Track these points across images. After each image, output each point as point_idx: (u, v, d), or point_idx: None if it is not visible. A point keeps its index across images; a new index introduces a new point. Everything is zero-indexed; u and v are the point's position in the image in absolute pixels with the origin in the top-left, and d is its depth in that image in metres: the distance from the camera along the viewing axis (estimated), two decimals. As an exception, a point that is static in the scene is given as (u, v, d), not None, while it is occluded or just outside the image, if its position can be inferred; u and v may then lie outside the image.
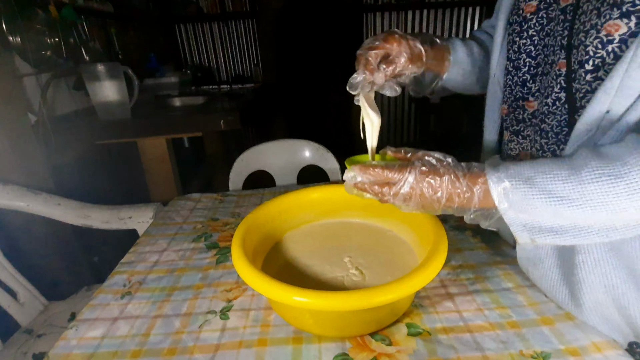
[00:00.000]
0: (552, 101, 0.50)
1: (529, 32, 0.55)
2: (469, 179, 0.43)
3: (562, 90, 0.48)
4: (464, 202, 0.43)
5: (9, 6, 1.17)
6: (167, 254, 0.73)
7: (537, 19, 0.53)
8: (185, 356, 0.48)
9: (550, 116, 0.51)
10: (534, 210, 0.40)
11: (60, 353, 0.50)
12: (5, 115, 1.10)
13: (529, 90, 0.56)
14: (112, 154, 1.70)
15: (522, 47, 0.56)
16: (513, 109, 0.60)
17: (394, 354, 0.47)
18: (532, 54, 0.55)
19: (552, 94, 0.50)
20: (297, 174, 1.28)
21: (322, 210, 0.71)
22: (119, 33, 2.01)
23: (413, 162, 0.45)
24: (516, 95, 0.59)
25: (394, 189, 0.44)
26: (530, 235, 0.42)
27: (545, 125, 0.52)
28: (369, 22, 3.31)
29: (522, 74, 0.57)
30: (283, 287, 0.43)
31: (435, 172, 0.43)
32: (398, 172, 0.44)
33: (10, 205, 1.05)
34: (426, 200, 0.43)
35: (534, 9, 0.53)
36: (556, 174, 0.39)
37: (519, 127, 0.59)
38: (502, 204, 0.41)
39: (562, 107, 0.49)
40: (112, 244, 1.40)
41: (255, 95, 2.29)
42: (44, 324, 0.98)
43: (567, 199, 0.38)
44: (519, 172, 0.41)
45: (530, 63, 0.55)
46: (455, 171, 0.43)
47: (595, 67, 0.43)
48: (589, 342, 0.46)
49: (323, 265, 0.59)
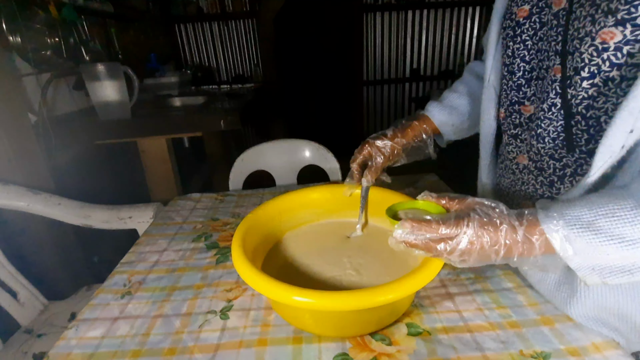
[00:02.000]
0: (547, 106, 0.50)
1: (522, 37, 0.54)
2: (526, 229, 0.40)
3: (557, 95, 0.48)
4: (524, 253, 0.40)
5: (9, 6, 1.17)
6: (167, 254, 0.73)
7: (530, 23, 0.53)
8: (185, 356, 0.48)
9: (547, 121, 0.50)
10: (604, 256, 0.37)
11: (60, 353, 0.50)
12: (5, 115, 1.10)
13: (524, 94, 0.56)
14: (112, 154, 1.70)
15: (515, 51, 0.56)
16: (510, 112, 0.60)
17: (394, 354, 0.47)
18: (526, 58, 0.55)
19: (548, 99, 0.49)
20: (297, 174, 1.28)
21: (322, 210, 0.71)
22: (119, 33, 2.01)
23: (469, 213, 0.42)
24: (512, 100, 0.58)
25: (450, 245, 0.41)
26: (601, 278, 0.39)
27: (541, 130, 0.51)
28: (369, 22, 3.31)
29: (516, 79, 0.57)
30: (283, 287, 0.43)
31: (492, 223, 0.40)
32: (455, 225, 0.41)
33: (10, 205, 1.05)
34: (484, 254, 0.41)
35: (526, 13, 0.53)
36: (620, 216, 0.36)
37: (516, 130, 0.59)
38: (565, 252, 0.38)
39: (557, 113, 0.49)
40: (112, 244, 1.40)
41: (255, 95, 2.29)
42: (44, 323, 0.98)
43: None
44: (577, 218, 0.38)
45: (525, 67, 0.55)
46: (511, 221, 0.40)
47: (591, 74, 0.43)
48: (589, 343, 0.46)
49: (323, 265, 0.59)
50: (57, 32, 1.37)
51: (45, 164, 1.24)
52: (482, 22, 3.33)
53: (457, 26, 3.37)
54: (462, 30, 3.38)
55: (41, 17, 1.31)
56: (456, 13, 3.31)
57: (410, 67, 3.52)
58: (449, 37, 3.41)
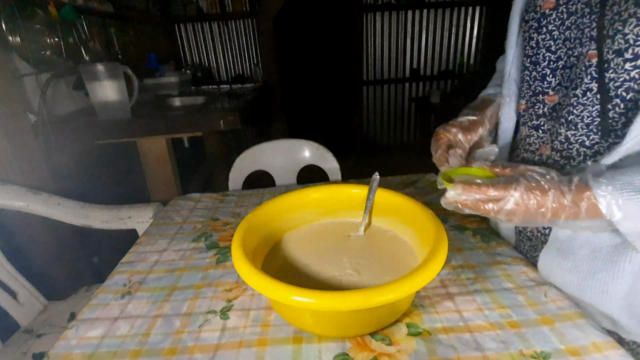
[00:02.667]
0: (581, 92, 0.50)
1: (548, 28, 0.55)
2: (574, 194, 0.42)
3: (592, 80, 0.49)
4: (570, 216, 0.43)
5: (8, 6, 1.17)
6: (167, 254, 0.73)
7: (557, 14, 0.54)
8: (185, 356, 0.48)
9: (580, 107, 0.51)
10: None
11: (60, 353, 0.50)
12: (5, 115, 1.10)
13: (548, 84, 0.57)
14: (112, 154, 1.70)
15: (540, 42, 0.57)
16: (532, 104, 0.61)
17: (394, 354, 0.47)
18: (552, 48, 0.56)
19: (582, 85, 0.50)
20: (297, 174, 1.28)
21: (322, 210, 0.71)
22: (119, 33, 2.01)
23: (517, 178, 0.45)
24: (535, 90, 0.60)
25: (497, 205, 0.44)
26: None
27: (573, 117, 0.52)
28: (369, 22, 3.31)
29: (541, 69, 0.58)
30: (283, 287, 0.43)
31: (540, 188, 0.43)
32: (503, 189, 0.44)
33: (10, 205, 1.05)
34: (530, 215, 0.44)
35: (553, 4, 0.54)
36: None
37: (538, 121, 0.60)
38: (614, 217, 0.41)
39: (593, 98, 0.49)
40: (112, 244, 1.40)
41: (255, 95, 2.29)
42: (44, 323, 0.98)
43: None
44: (627, 183, 0.40)
45: (550, 57, 0.56)
46: (560, 186, 0.43)
47: (635, 55, 0.44)
48: (589, 342, 0.46)
49: (323, 265, 0.59)
50: (57, 32, 1.37)
51: (45, 164, 1.24)
52: (482, 22, 3.33)
53: (457, 26, 3.37)
54: (462, 30, 3.38)
55: (41, 17, 1.31)
56: (456, 13, 3.31)
57: (410, 67, 3.52)
58: (449, 37, 3.41)
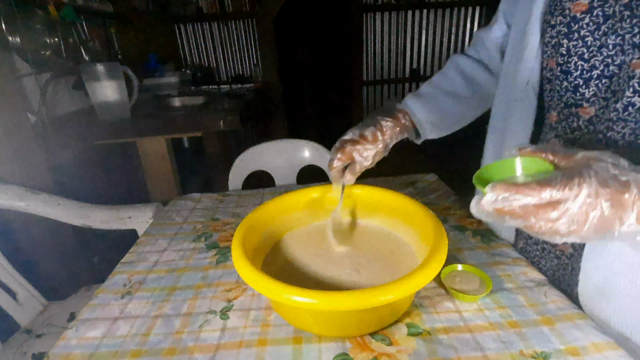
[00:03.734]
0: (622, 106, 0.45)
1: (580, 33, 0.49)
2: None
3: (635, 94, 0.43)
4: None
5: (8, 6, 1.17)
6: (167, 254, 0.73)
7: (590, 18, 0.48)
8: (185, 356, 0.48)
9: (620, 123, 0.46)
10: None
11: (60, 353, 0.50)
12: (5, 115, 1.10)
13: (582, 96, 0.52)
14: (112, 154, 1.70)
15: (571, 49, 0.51)
16: (564, 116, 0.55)
17: (394, 354, 0.47)
18: (585, 56, 0.50)
19: (623, 98, 0.45)
20: (297, 174, 1.28)
21: (322, 211, 0.71)
22: (119, 33, 2.01)
23: (581, 170, 0.33)
24: (567, 102, 0.54)
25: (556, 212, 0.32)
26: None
27: (612, 134, 0.47)
28: (369, 22, 3.31)
29: (573, 79, 0.52)
30: (283, 287, 0.43)
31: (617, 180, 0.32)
32: (564, 186, 0.32)
33: (10, 205, 1.05)
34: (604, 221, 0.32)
35: (585, 7, 0.48)
36: None
37: (574, 135, 0.54)
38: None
39: (636, 114, 0.44)
40: (112, 244, 1.40)
41: (255, 95, 2.29)
42: (44, 324, 0.98)
43: None
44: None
45: (583, 66, 0.50)
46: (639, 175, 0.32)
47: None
48: (589, 343, 0.46)
49: (323, 265, 0.59)
50: (57, 32, 1.37)
51: (44, 164, 1.24)
52: (482, 22, 3.33)
53: (457, 26, 3.37)
54: (462, 30, 3.38)
55: (41, 17, 1.31)
56: (456, 13, 3.31)
57: (410, 67, 3.52)
58: (449, 37, 3.41)
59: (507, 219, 0.34)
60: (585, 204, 0.31)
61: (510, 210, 0.33)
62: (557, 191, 0.32)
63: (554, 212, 0.32)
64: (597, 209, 0.31)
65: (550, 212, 0.32)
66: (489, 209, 0.34)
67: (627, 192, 0.31)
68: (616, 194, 0.31)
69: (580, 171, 0.32)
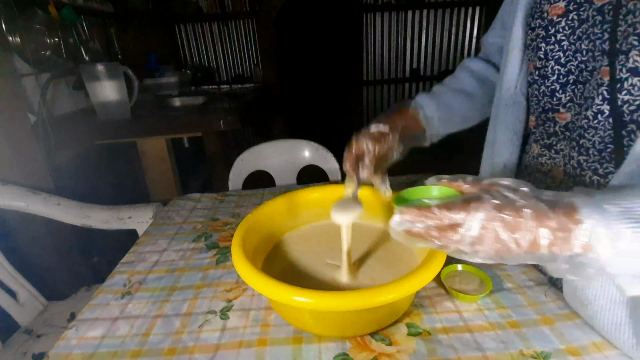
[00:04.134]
0: (592, 114, 0.44)
1: (557, 37, 0.49)
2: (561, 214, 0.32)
3: (604, 102, 0.42)
4: (555, 246, 0.32)
5: (8, 6, 1.17)
6: (167, 254, 0.73)
7: (566, 21, 0.48)
8: (185, 356, 0.48)
9: (591, 131, 0.45)
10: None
11: (60, 353, 0.50)
12: (5, 115, 1.10)
13: (558, 101, 0.51)
14: (112, 154, 1.70)
15: (549, 53, 0.50)
16: (542, 121, 0.54)
17: (394, 354, 0.47)
18: (562, 60, 0.49)
19: (593, 106, 0.44)
20: (297, 174, 1.28)
21: (322, 210, 0.71)
22: (119, 33, 2.01)
23: (480, 195, 0.35)
24: (544, 107, 0.53)
25: (459, 232, 0.34)
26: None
27: (584, 141, 0.46)
28: (369, 22, 3.31)
29: (550, 83, 0.51)
30: (283, 287, 0.43)
31: (511, 206, 0.33)
32: (461, 210, 0.34)
33: (10, 205, 1.05)
34: (502, 245, 0.33)
35: (561, 10, 0.48)
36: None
37: (550, 140, 0.54)
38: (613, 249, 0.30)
39: (605, 122, 0.43)
40: (112, 244, 1.40)
41: (255, 95, 2.29)
42: (44, 324, 0.98)
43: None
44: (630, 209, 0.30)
45: (560, 71, 0.50)
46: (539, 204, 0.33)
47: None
48: (590, 342, 0.46)
49: (323, 265, 0.59)
50: (57, 32, 1.37)
51: (44, 164, 1.24)
52: (482, 22, 3.33)
53: (457, 26, 3.37)
54: (462, 30, 3.38)
55: (41, 17, 1.31)
56: (456, 13, 3.31)
57: (410, 67, 3.52)
58: (449, 37, 3.41)
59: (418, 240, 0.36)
60: (482, 227, 0.33)
61: (417, 232, 0.36)
62: (454, 214, 0.34)
63: (455, 234, 0.34)
64: (492, 232, 0.33)
65: (452, 233, 0.34)
66: (399, 230, 0.37)
67: (521, 217, 0.32)
68: (511, 218, 0.33)
69: (479, 196, 0.34)
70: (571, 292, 0.49)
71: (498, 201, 0.34)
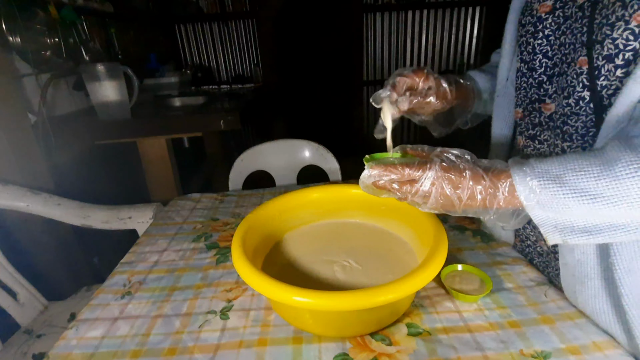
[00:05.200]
0: (574, 101, 0.48)
1: (544, 32, 0.53)
2: (492, 176, 0.40)
3: (584, 89, 0.46)
4: (487, 200, 0.40)
5: (9, 6, 1.17)
6: (167, 254, 0.73)
7: (553, 18, 0.52)
8: (185, 356, 0.48)
9: (574, 117, 0.48)
10: (566, 210, 0.38)
11: (60, 353, 0.50)
12: (5, 115, 1.10)
13: (545, 92, 0.54)
14: (112, 154, 1.70)
15: (537, 47, 0.54)
16: (528, 112, 0.58)
17: (394, 354, 0.47)
18: (549, 54, 0.53)
19: (574, 93, 0.47)
20: (297, 174, 1.28)
21: (322, 211, 0.71)
22: (119, 33, 2.01)
23: (432, 158, 0.43)
24: (531, 98, 0.57)
25: (414, 187, 0.41)
26: (562, 237, 0.40)
27: (568, 128, 0.50)
28: (369, 22, 3.31)
29: (537, 75, 0.55)
30: (283, 287, 0.43)
31: (456, 168, 0.41)
32: (418, 168, 0.41)
33: (10, 205, 1.05)
34: (447, 199, 0.41)
35: (549, 8, 0.52)
36: (587, 171, 0.37)
37: (535, 131, 0.57)
38: (529, 202, 0.39)
39: (586, 107, 0.46)
40: (112, 244, 1.40)
41: (255, 95, 2.29)
42: (44, 324, 0.98)
43: (601, 196, 0.36)
44: (547, 170, 0.38)
45: (547, 64, 0.54)
46: (477, 167, 0.41)
47: (626, 61, 0.41)
48: (590, 342, 0.46)
49: (323, 265, 0.59)
50: (57, 32, 1.37)
51: (45, 164, 1.24)
52: (482, 22, 3.33)
53: (457, 26, 3.36)
54: (462, 30, 3.38)
55: (41, 17, 1.31)
56: (456, 13, 3.31)
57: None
58: (449, 37, 3.40)
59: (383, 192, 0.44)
60: (432, 184, 0.41)
61: (383, 185, 0.43)
62: (412, 171, 0.42)
63: (412, 187, 0.42)
64: (439, 188, 0.41)
65: (409, 187, 0.42)
66: (368, 183, 0.44)
67: (463, 177, 0.40)
68: (454, 178, 0.41)
69: (432, 159, 0.42)
70: (569, 273, 0.51)
71: (446, 164, 0.42)
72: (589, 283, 0.48)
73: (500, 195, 0.40)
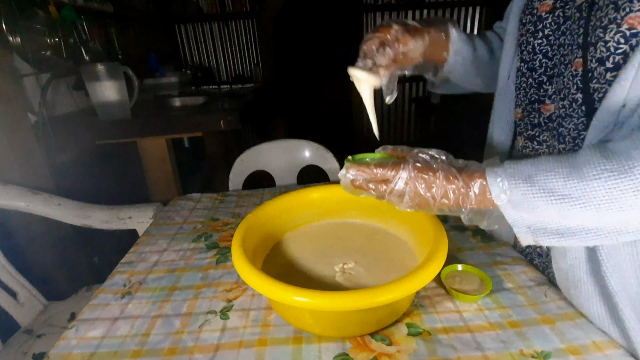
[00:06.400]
0: (568, 103, 0.47)
1: (544, 32, 0.52)
2: (465, 176, 0.42)
3: (578, 91, 0.46)
4: (459, 199, 0.42)
5: (9, 6, 1.17)
6: (167, 254, 0.73)
7: (552, 17, 0.51)
8: (185, 356, 0.48)
9: (567, 119, 0.48)
10: (536, 210, 0.39)
11: (60, 353, 0.50)
12: (5, 115, 1.10)
13: (545, 92, 0.54)
14: (112, 154, 1.70)
15: (537, 47, 0.54)
16: (528, 112, 0.57)
17: (394, 354, 0.47)
18: (549, 54, 0.52)
19: (569, 95, 0.47)
20: (297, 174, 1.28)
21: (322, 210, 0.71)
22: (119, 33, 2.01)
23: (407, 159, 0.44)
24: (531, 98, 0.56)
25: (389, 186, 0.43)
26: (534, 237, 0.40)
27: (562, 129, 0.49)
28: (369, 22, 3.31)
29: (537, 76, 0.55)
30: (283, 287, 0.43)
31: (430, 168, 0.43)
32: (391, 169, 0.43)
33: (10, 205, 1.05)
34: (421, 198, 0.43)
35: (549, 7, 0.51)
36: (557, 172, 0.37)
37: (534, 131, 0.56)
38: (500, 201, 0.40)
39: (578, 109, 0.46)
40: (112, 244, 1.40)
41: (255, 95, 2.29)
42: (44, 324, 0.97)
43: (569, 197, 0.36)
44: (519, 170, 0.40)
45: (547, 64, 0.53)
46: (450, 168, 0.43)
47: (616, 64, 0.41)
48: (590, 342, 0.46)
49: (323, 265, 0.59)
50: (57, 32, 1.37)
51: (45, 164, 1.24)
52: (482, 22, 3.33)
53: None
54: (462, 30, 3.38)
55: (41, 17, 1.31)
56: (456, 13, 3.31)
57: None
58: (449, 37, 3.40)
59: (360, 191, 0.46)
60: (405, 183, 0.42)
61: (359, 185, 0.45)
62: (385, 171, 0.43)
63: (386, 187, 0.44)
64: (412, 187, 0.42)
65: (383, 186, 0.44)
66: (345, 182, 0.46)
67: (436, 178, 0.42)
68: (427, 177, 0.42)
69: (406, 160, 0.44)
70: (564, 283, 0.52)
71: (420, 164, 0.43)
72: (582, 287, 0.48)
73: (472, 194, 0.41)
